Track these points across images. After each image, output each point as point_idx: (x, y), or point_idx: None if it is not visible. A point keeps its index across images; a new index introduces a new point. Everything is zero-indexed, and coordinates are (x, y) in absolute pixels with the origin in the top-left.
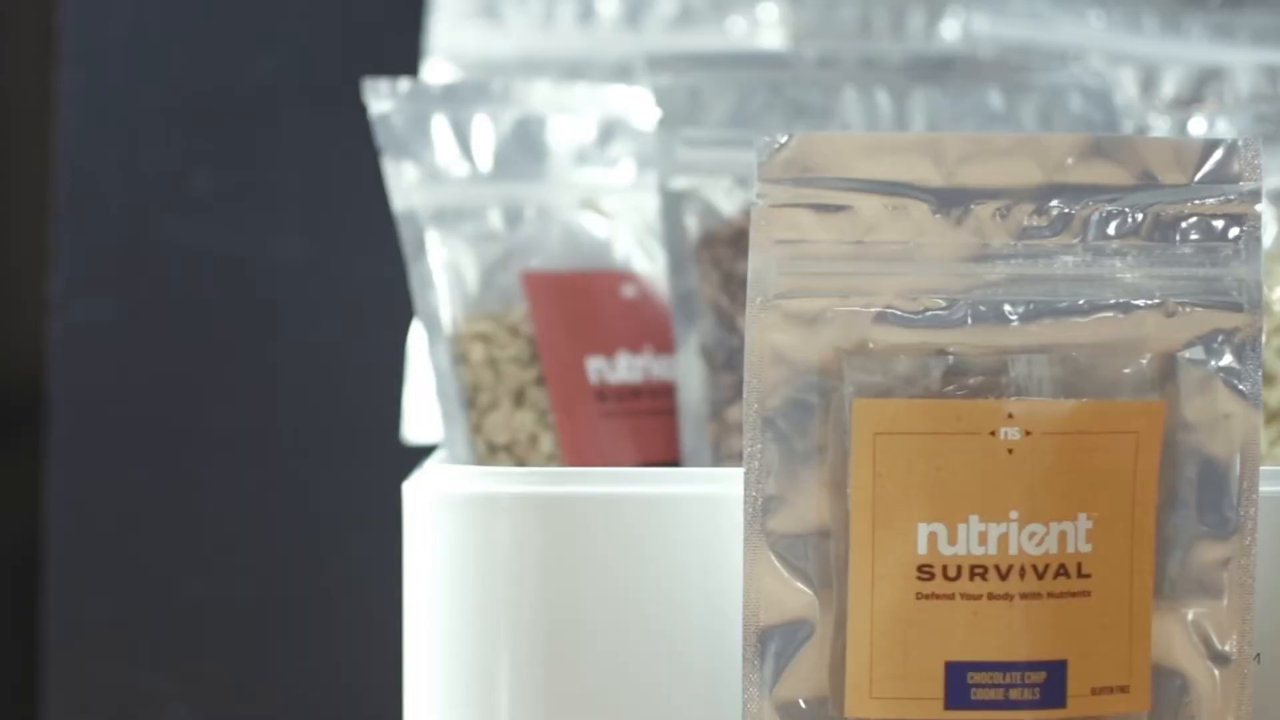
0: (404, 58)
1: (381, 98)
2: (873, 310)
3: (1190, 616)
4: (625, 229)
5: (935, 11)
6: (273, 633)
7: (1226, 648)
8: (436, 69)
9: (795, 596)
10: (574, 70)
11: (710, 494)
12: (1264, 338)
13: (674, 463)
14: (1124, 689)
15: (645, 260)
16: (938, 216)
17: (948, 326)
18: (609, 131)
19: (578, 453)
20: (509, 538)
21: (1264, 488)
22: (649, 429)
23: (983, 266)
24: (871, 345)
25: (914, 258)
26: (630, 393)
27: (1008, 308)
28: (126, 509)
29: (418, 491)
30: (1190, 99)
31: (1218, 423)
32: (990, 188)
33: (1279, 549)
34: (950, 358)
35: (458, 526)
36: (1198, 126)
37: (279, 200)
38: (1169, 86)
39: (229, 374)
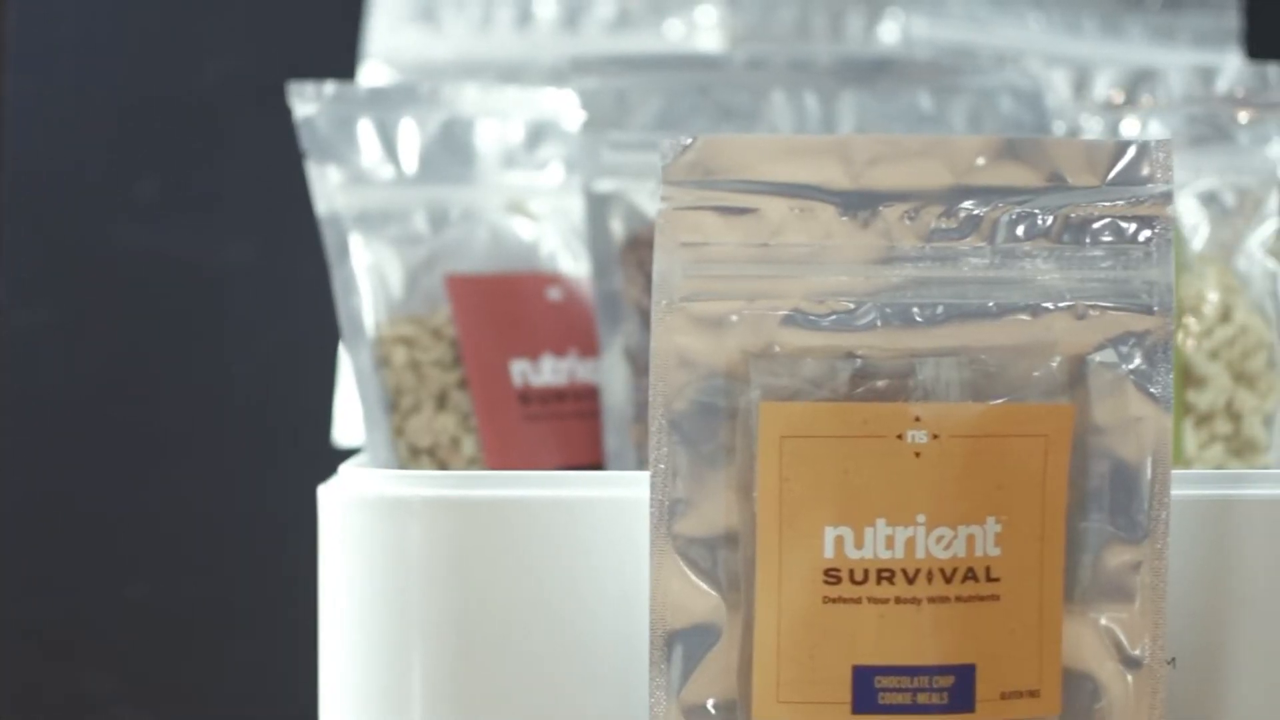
0: (350, 62)
1: (306, 101)
2: (779, 313)
3: (1102, 621)
4: (553, 231)
5: (874, 14)
6: (218, 634)
7: (1138, 652)
8: (373, 72)
9: (702, 600)
10: (511, 74)
11: (622, 497)
12: (1196, 340)
13: (598, 465)
14: (1034, 693)
15: (573, 263)
16: (845, 219)
17: (855, 329)
18: (538, 134)
19: (500, 456)
20: (421, 540)
21: (1177, 491)
22: (573, 432)
23: (891, 269)
24: (778, 348)
25: (821, 260)
26: (554, 395)
27: (916, 310)
28: (71, 511)
29: (332, 495)
30: (1123, 100)
31: (1129, 426)
32: (898, 190)
33: (1196, 552)
34: (858, 361)
35: (371, 529)
36: (1130, 128)
37: (225, 204)
38: (1101, 88)
39: (175, 377)
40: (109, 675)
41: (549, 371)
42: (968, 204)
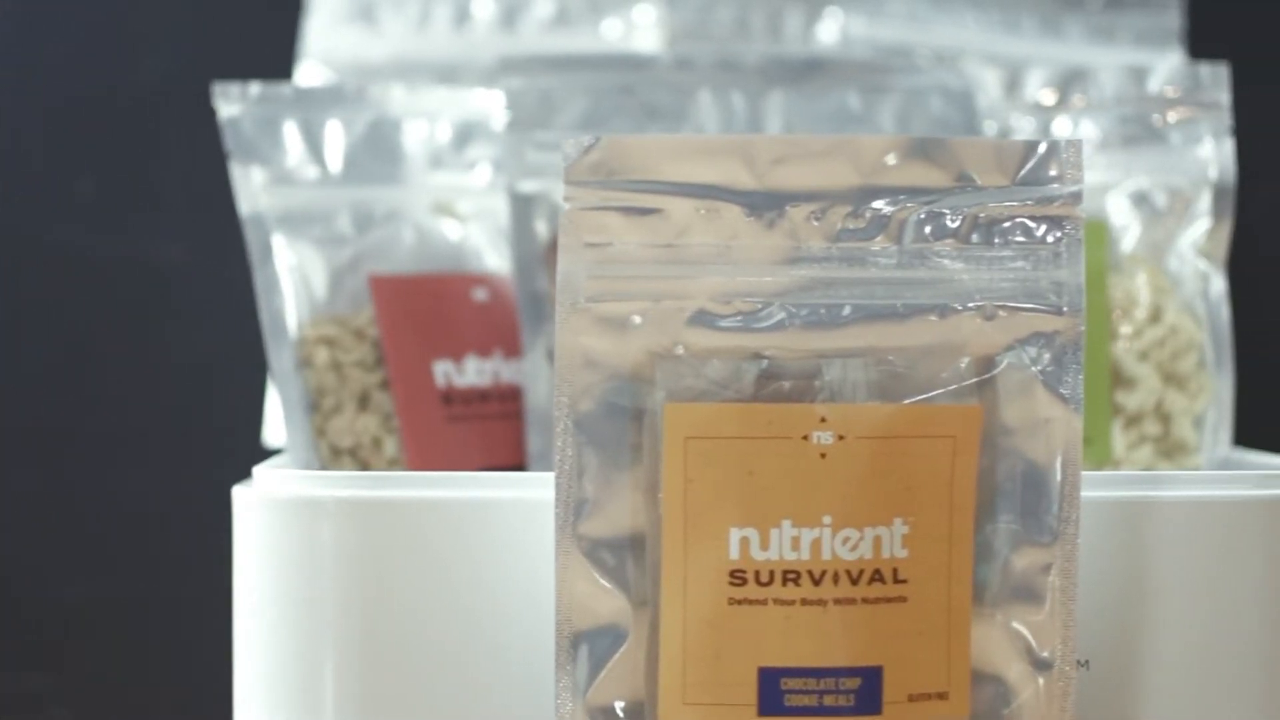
0: (289, 62)
1: (231, 101)
2: (685, 314)
3: (1012, 623)
4: (480, 232)
5: (812, 13)
6: (153, 633)
7: (1047, 654)
8: (310, 72)
9: (608, 601)
10: (449, 74)
11: (533, 498)
12: (1126, 341)
13: (521, 466)
14: (942, 695)
15: (500, 263)
16: (751, 219)
17: (761, 330)
18: (466, 135)
19: (421, 457)
20: (333, 541)
21: (1094, 493)
22: (496, 432)
23: (797, 269)
24: (683, 349)
25: (727, 261)
26: (478, 396)
27: (823, 311)
28: (6, 511)
29: (246, 495)
30: (1056, 100)
31: (1038, 427)
32: (805, 190)
33: (1112, 554)
34: (764, 362)
35: (284, 530)
36: (1062, 127)
37: (162, 204)
38: (1033, 88)
39: (109, 377)
40: (45, 675)
41: (473, 372)
42: (875, 204)
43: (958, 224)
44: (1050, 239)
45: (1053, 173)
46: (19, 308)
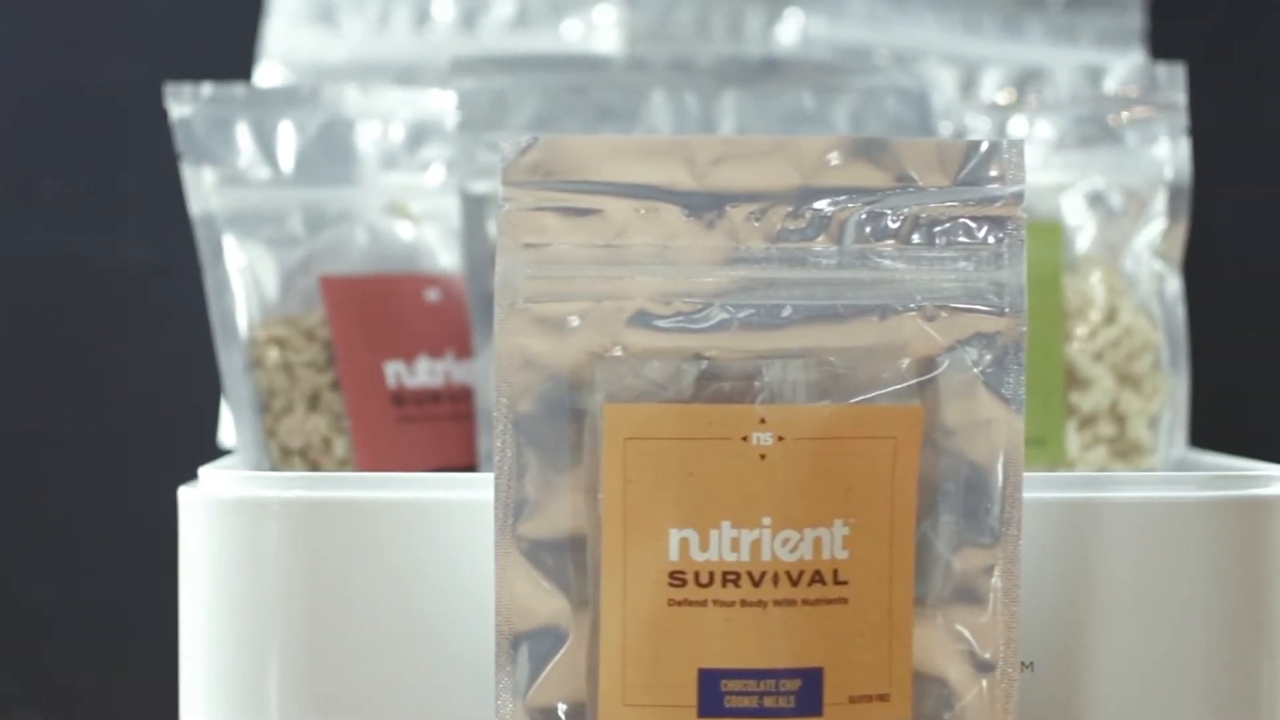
0: (251, 63)
1: (183, 102)
2: (624, 314)
3: (954, 624)
4: (433, 233)
5: (773, 14)
6: (119, 635)
7: (990, 656)
8: (269, 73)
9: (548, 602)
10: (408, 74)
11: (477, 499)
12: (1081, 342)
13: (472, 467)
14: (884, 697)
15: (454, 264)
16: (690, 219)
17: (701, 330)
18: (420, 135)
19: (371, 457)
20: (278, 541)
21: (1039, 494)
22: (447, 433)
23: (737, 269)
24: (623, 349)
25: (666, 261)
26: (429, 397)
27: (763, 311)
28: None
29: (190, 496)
30: (1014, 100)
31: (979, 428)
32: (745, 190)
33: (1057, 555)
34: (703, 362)
35: (229, 531)
36: (1018, 127)
37: (126, 204)
38: (989, 88)
39: (74, 377)
40: (7, 676)
41: (424, 373)
42: (815, 205)
43: (899, 224)
44: (992, 239)
45: (994, 173)
46: None
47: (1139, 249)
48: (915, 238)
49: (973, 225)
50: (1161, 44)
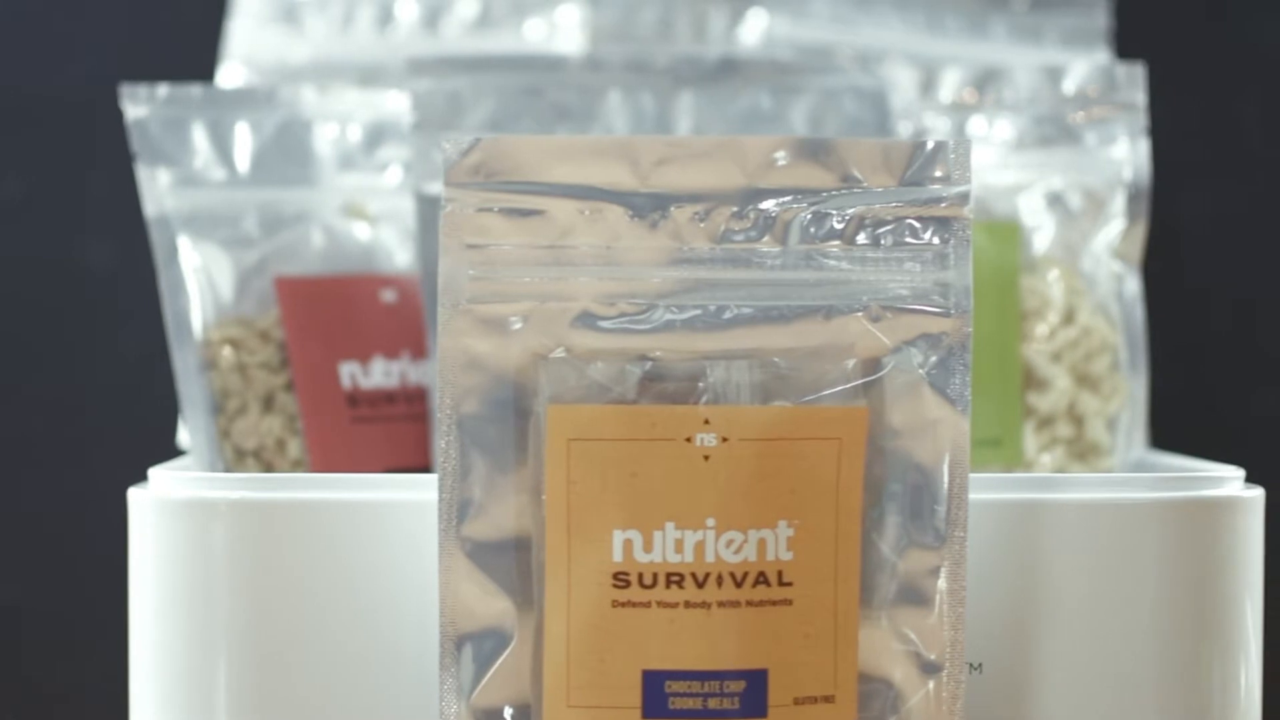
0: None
1: (139, 103)
2: (568, 315)
3: (900, 626)
4: (391, 233)
5: (736, 14)
6: (82, 635)
7: (936, 657)
8: (232, 73)
9: (492, 603)
10: (370, 75)
11: (423, 500)
12: (1039, 343)
13: (426, 468)
14: (829, 699)
15: (411, 264)
16: (634, 220)
17: (646, 331)
18: (378, 136)
19: (325, 458)
20: (226, 543)
21: (987, 495)
22: (402, 434)
23: (681, 270)
24: (567, 350)
25: (610, 262)
26: (384, 398)
27: (707, 312)
28: None
29: (140, 497)
30: (975, 100)
31: (925, 429)
32: (689, 191)
33: (1005, 557)
34: (647, 363)
35: (177, 532)
36: (977, 127)
37: (89, 205)
38: (948, 88)
39: (37, 379)
40: None
41: (380, 374)
42: (760, 205)
43: (844, 225)
44: (938, 240)
45: (940, 173)
46: None
47: (1098, 249)
48: (860, 238)
49: (918, 225)
50: (1127, 43)
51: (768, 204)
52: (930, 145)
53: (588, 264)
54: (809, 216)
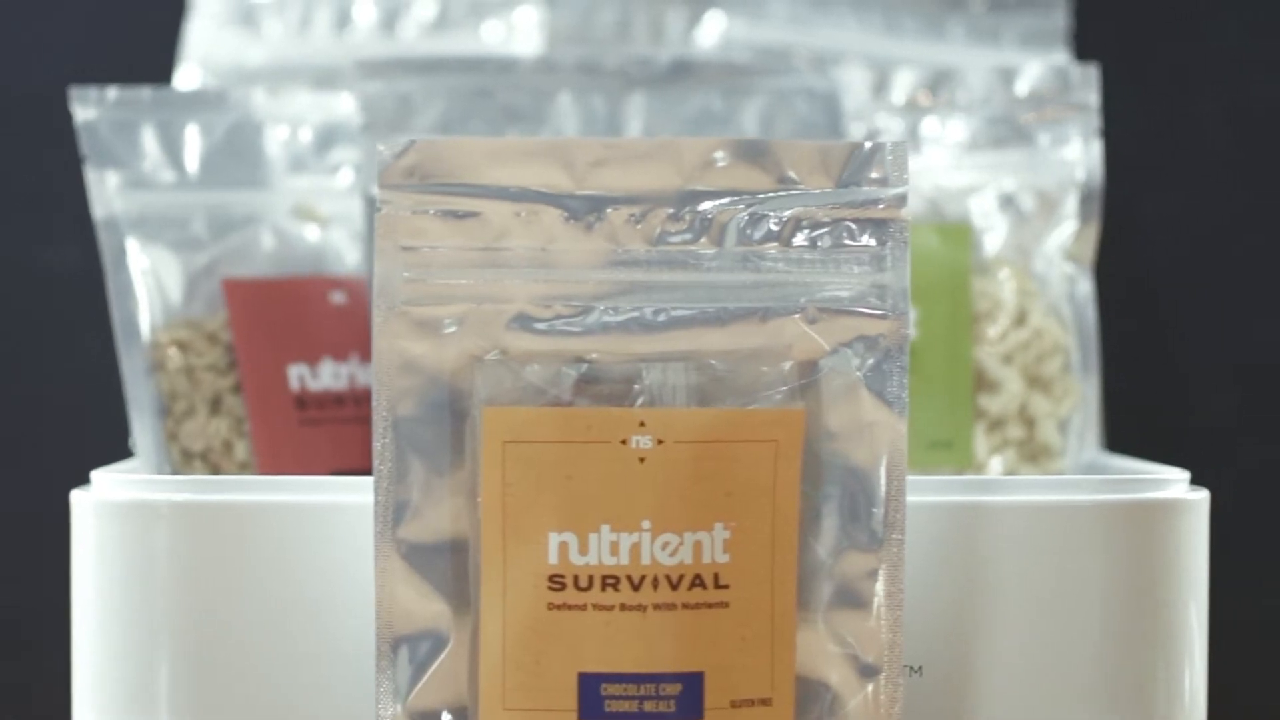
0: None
1: (88, 106)
2: (504, 317)
3: (837, 629)
4: (342, 235)
5: (694, 16)
6: (28, 638)
7: (874, 660)
8: (189, 75)
9: (428, 606)
10: (328, 77)
11: (364, 502)
12: (990, 344)
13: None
14: (765, 702)
15: (362, 266)
16: (570, 222)
17: (581, 333)
18: (329, 138)
19: (272, 460)
20: (167, 545)
21: (926, 498)
22: (351, 436)
23: (618, 272)
24: (503, 352)
25: (546, 264)
26: (333, 400)
27: (643, 314)
28: None
29: (82, 499)
30: (929, 101)
31: (862, 431)
32: (625, 193)
33: (945, 560)
34: (583, 365)
35: (119, 534)
36: (930, 129)
37: (53, 206)
38: (900, 89)
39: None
40: None
41: (328, 376)
42: (696, 207)
43: (780, 227)
44: (874, 241)
45: (877, 175)
46: None
47: (1050, 251)
48: (797, 240)
49: (856, 227)
50: (1086, 44)
51: (704, 206)
52: (867, 147)
53: (523, 266)
54: (745, 218)
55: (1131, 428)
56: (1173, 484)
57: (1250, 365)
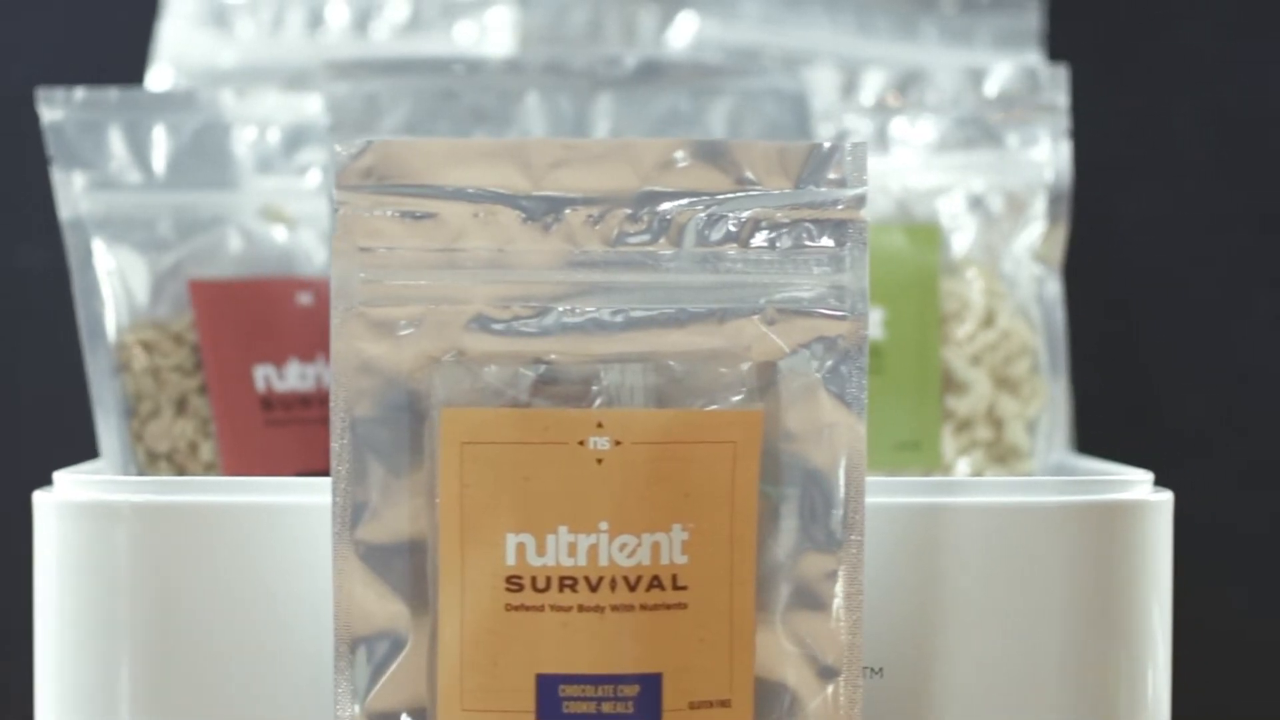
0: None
1: (54, 106)
2: (462, 318)
3: (797, 630)
4: (310, 236)
5: (667, 16)
6: (14, 640)
7: (833, 662)
8: (161, 76)
9: (386, 607)
10: (300, 78)
11: (325, 503)
12: (958, 345)
13: None
14: (724, 703)
15: (330, 267)
16: (528, 223)
17: (539, 334)
18: (298, 139)
19: (237, 461)
20: (128, 546)
21: (886, 499)
22: (317, 437)
23: (576, 273)
24: (461, 354)
25: (504, 265)
26: (299, 401)
27: (601, 315)
28: None
29: (44, 500)
30: (898, 102)
31: (821, 432)
32: (583, 194)
33: (906, 561)
34: (541, 366)
35: (81, 535)
36: (899, 129)
37: (23, 207)
38: (869, 90)
39: None
40: None
41: (295, 377)
42: (654, 208)
43: (739, 228)
44: (833, 242)
45: (835, 176)
46: None
47: (1018, 252)
48: (756, 241)
49: (814, 228)
50: (1059, 45)
51: (662, 207)
52: (826, 148)
53: (481, 267)
54: (704, 219)
55: (1103, 429)
56: (1136, 485)
57: (1223, 367)
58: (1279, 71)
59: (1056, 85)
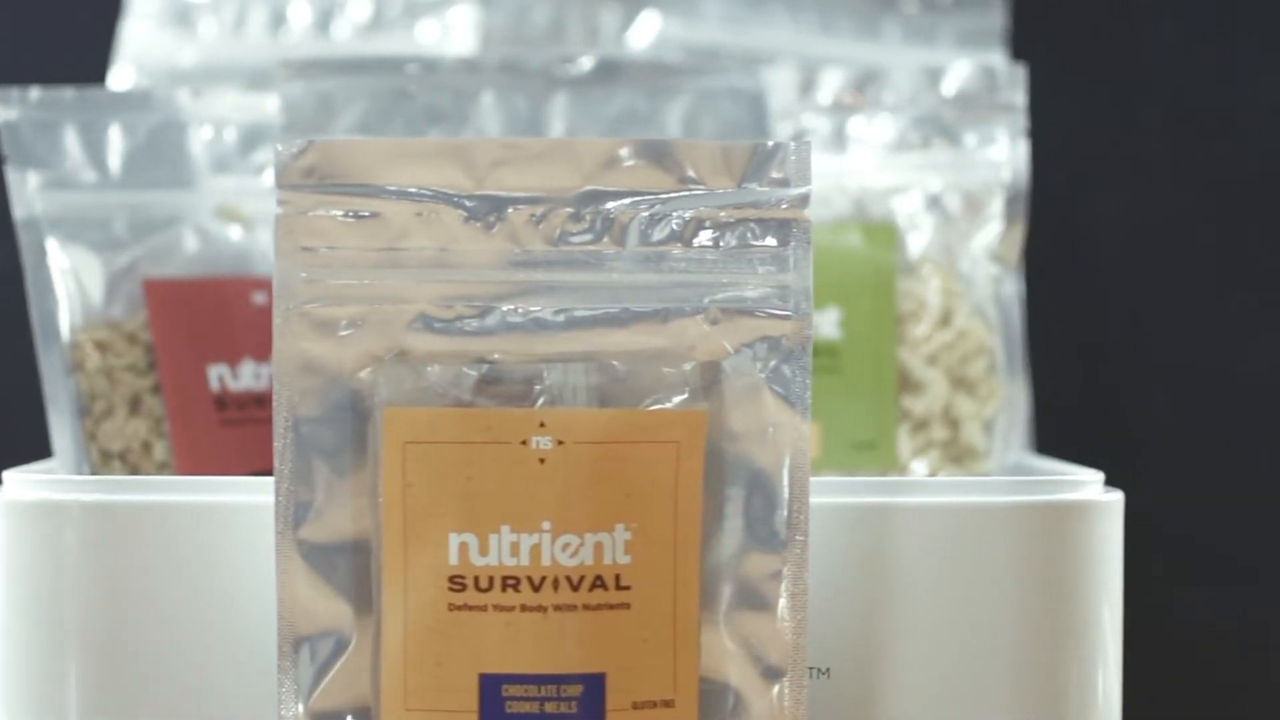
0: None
1: (9, 105)
2: (405, 318)
3: (742, 630)
4: (267, 235)
5: (629, 16)
6: None
7: (778, 662)
8: (123, 75)
9: (328, 606)
10: (262, 78)
11: (270, 502)
12: (914, 345)
13: None
14: (668, 703)
15: None
16: (470, 222)
17: (482, 334)
18: (254, 138)
19: (191, 461)
20: (76, 545)
21: (833, 499)
22: (270, 437)
23: (518, 273)
24: (403, 353)
25: (447, 264)
26: (253, 400)
27: (544, 315)
28: None
29: None
30: (855, 101)
31: (765, 432)
32: (525, 193)
33: (853, 561)
34: (484, 366)
35: (28, 535)
36: (856, 128)
37: None
38: (827, 89)
39: None
40: None
41: (249, 376)
42: (597, 207)
43: (682, 227)
44: (776, 242)
45: (779, 175)
46: None
47: (975, 251)
48: (699, 240)
49: (758, 228)
50: (1024, 44)
51: (605, 206)
52: (770, 147)
53: (424, 266)
54: (647, 219)
55: (1064, 430)
56: (1086, 485)
57: (1185, 367)
58: (1243, 70)
59: (1014, 84)
